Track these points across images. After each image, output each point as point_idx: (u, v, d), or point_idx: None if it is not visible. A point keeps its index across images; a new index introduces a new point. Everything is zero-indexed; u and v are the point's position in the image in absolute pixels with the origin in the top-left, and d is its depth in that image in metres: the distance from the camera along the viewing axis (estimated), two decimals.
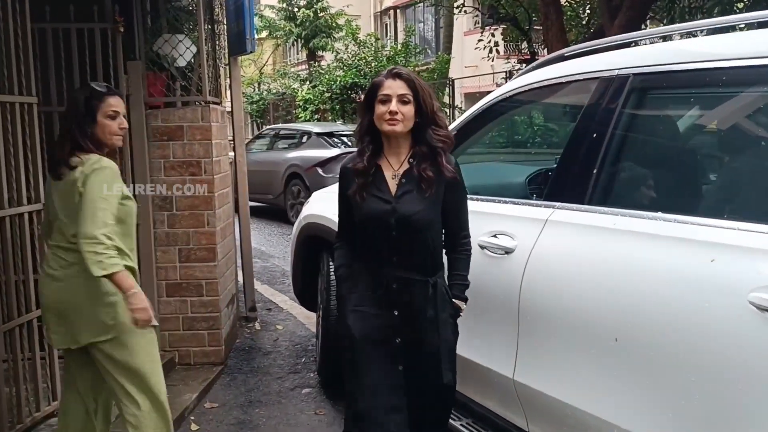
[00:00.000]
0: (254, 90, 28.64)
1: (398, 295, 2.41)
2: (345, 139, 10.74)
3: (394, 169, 2.43)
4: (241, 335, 5.12)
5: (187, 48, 4.27)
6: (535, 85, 2.75)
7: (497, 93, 2.96)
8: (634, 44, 2.55)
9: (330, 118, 18.16)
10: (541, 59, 2.96)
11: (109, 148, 2.66)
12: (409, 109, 2.35)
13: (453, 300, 2.48)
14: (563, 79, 2.62)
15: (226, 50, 5.17)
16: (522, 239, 2.52)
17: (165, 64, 4.25)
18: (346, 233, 2.58)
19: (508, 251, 2.56)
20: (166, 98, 4.27)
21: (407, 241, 2.39)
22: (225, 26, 5.06)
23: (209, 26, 4.62)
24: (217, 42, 4.82)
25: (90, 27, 3.95)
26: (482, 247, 2.67)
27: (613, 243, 2.18)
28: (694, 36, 2.32)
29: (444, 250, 2.52)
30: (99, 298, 2.57)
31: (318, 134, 10.97)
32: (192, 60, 4.36)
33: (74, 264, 2.57)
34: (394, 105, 2.34)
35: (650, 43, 2.59)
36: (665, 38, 2.46)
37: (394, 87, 2.36)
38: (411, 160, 2.42)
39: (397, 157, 2.44)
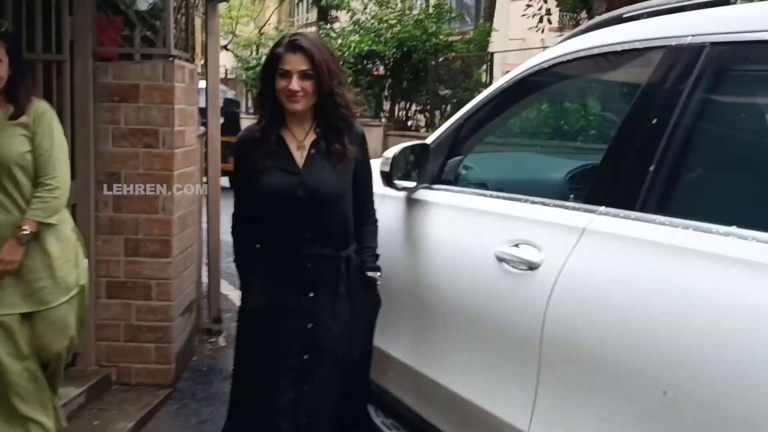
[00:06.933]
0: (252, 54, 28.63)
1: (315, 275, 2.70)
2: None
3: (298, 140, 2.73)
4: (200, 352, 5.03)
5: None
6: (581, 54, 2.57)
7: (530, 63, 2.79)
8: (724, 3, 2.34)
9: None
10: (591, 21, 2.77)
11: None
12: (310, 84, 2.63)
13: (367, 273, 2.82)
14: (617, 48, 2.43)
15: None
16: (551, 252, 2.36)
17: (121, 6, 4.14)
18: (245, 215, 2.84)
19: (532, 266, 2.40)
20: (121, 48, 4.15)
21: (319, 215, 2.70)
22: None
23: None
24: None
25: None
26: (500, 260, 2.51)
27: (669, 264, 2.00)
28: None
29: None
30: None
31: None
32: (158, 3, 4.24)
33: None
34: (294, 83, 2.60)
35: (741, 1, 2.39)
36: None
37: (293, 62, 2.60)
38: (317, 129, 2.73)
39: (301, 127, 2.74)
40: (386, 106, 18.59)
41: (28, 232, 3.06)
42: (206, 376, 4.63)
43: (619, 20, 2.60)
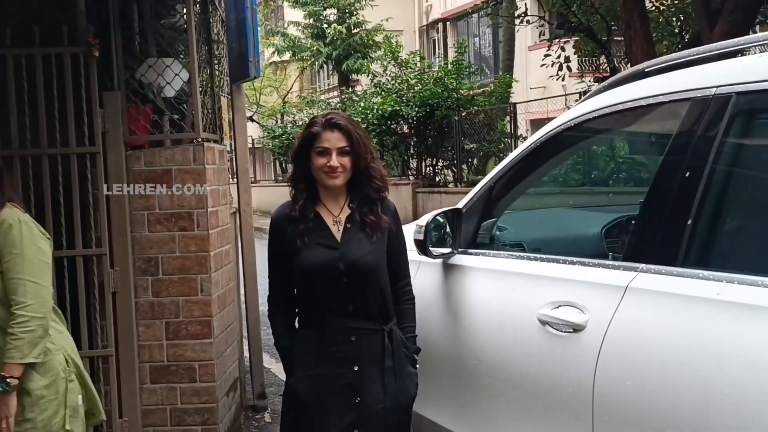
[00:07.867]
0: (276, 122, 29.05)
1: (358, 348, 2.72)
2: None
3: (334, 215, 2.80)
4: (247, 430, 4.96)
5: (177, 74, 4.23)
6: (607, 111, 2.58)
7: (557, 123, 2.81)
8: (739, 54, 2.36)
9: None
10: (614, 77, 2.78)
11: None
12: (348, 160, 2.72)
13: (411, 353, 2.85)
14: (642, 102, 2.44)
15: (228, 76, 5.13)
16: (595, 313, 2.33)
17: (150, 94, 4.22)
18: (281, 294, 2.88)
19: (576, 329, 2.37)
20: (151, 136, 4.22)
21: (360, 288, 2.74)
22: (225, 47, 5.03)
23: (205, 47, 4.59)
24: (216, 66, 4.79)
25: (58, 52, 3.94)
26: (543, 323, 2.49)
27: (717, 321, 1.97)
28: None
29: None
30: None
31: None
32: (184, 88, 4.32)
33: None
34: (334, 160, 2.69)
35: (759, 51, 2.40)
36: None
37: (332, 139, 2.69)
38: (351, 204, 2.80)
39: (336, 203, 2.81)
40: (413, 164, 18.70)
41: (7, 380, 2.62)
42: None
43: (642, 75, 2.61)
